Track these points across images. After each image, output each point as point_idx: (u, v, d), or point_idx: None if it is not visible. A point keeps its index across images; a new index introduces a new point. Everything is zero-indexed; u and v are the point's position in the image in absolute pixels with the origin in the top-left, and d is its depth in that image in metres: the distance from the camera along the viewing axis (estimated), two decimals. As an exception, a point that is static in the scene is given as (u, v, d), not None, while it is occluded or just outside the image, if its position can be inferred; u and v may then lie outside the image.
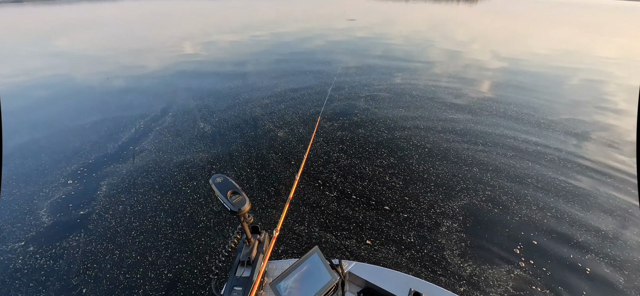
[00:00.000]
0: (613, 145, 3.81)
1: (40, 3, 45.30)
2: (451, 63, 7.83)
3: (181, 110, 4.83)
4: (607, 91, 5.96)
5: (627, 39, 13.17)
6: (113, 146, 3.78)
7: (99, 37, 13.86)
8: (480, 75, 6.84)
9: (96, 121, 4.53)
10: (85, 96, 5.70)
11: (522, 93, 5.67)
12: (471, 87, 5.93)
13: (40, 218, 2.63)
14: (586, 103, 5.24)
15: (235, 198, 0.92)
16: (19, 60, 9.08)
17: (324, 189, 2.93)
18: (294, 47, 10.00)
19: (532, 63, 8.19)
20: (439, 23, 17.81)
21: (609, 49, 10.60)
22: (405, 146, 3.64)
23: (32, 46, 12.14)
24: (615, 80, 6.69)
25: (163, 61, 8.47)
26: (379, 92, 5.50)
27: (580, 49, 10.69)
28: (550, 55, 9.38)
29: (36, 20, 27.30)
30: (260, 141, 3.83)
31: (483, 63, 7.98)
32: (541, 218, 2.58)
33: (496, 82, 6.38)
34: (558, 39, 12.97)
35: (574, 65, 8.12)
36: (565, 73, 7.32)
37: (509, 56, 9.10)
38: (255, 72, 6.94)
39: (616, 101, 5.46)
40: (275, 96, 5.32)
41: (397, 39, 11.53)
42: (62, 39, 13.87)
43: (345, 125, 4.17)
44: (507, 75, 6.94)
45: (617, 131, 4.25)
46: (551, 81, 6.58)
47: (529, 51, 9.94)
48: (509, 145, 3.72)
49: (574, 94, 5.76)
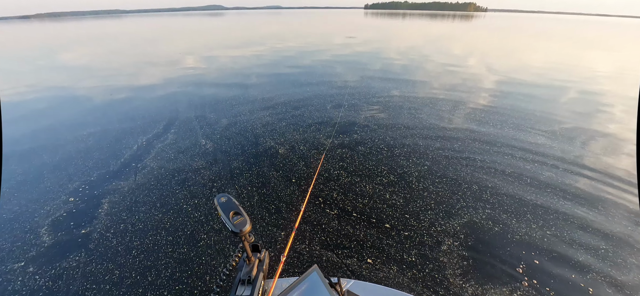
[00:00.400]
0: (611, 160, 3.86)
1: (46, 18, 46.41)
2: (448, 78, 8.01)
3: (183, 127, 4.90)
4: (603, 103, 6.08)
5: (620, 53, 13.52)
6: (115, 163, 3.81)
7: (103, 51, 14.20)
8: (476, 89, 6.99)
9: (99, 137, 4.59)
10: (88, 112, 5.79)
11: (518, 108, 5.77)
12: (468, 102, 6.05)
13: (41, 237, 2.62)
14: (583, 117, 5.34)
15: (236, 219, 0.94)
16: (24, 73, 9.25)
17: (324, 207, 2.94)
18: (295, 63, 10.24)
19: (527, 77, 8.39)
20: (436, 38, 18.32)
21: (604, 62, 10.87)
22: (405, 164, 3.68)
23: (37, 60, 12.40)
24: (611, 92, 6.83)
25: (166, 76, 8.64)
26: (378, 109, 5.60)
27: (575, 63, 10.97)
28: (545, 68, 9.63)
29: (43, 35, 27.99)
30: (261, 158, 3.87)
31: (479, 77, 8.16)
32: (541, 236, 2.58)
33: (492, 97, 6.51)
34: (553, 53, 13.33)
35: (569, 78, 8.32)
36: (561, 86, 7.50)
37: (505, 70, 9.33)
38: (256, 88, 7.08)
39: (613, 114, 5.56)
40: (276, 114, 5.41)
41: (394, 55, 11.83)
42: (67, 53, 14.18)
43: (345, 142, 4.23)
44: (503, 89, 7.09)
45: (615, 145, 4.30)
46: (547, 95, 6.72)
47: (525, 65, 10.20)
48: (507, 162, 3.77)
49: (570, 108, 5.87)
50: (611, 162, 3.82)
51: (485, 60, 11.30)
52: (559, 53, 13.58)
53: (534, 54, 13.31)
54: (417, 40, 18.11)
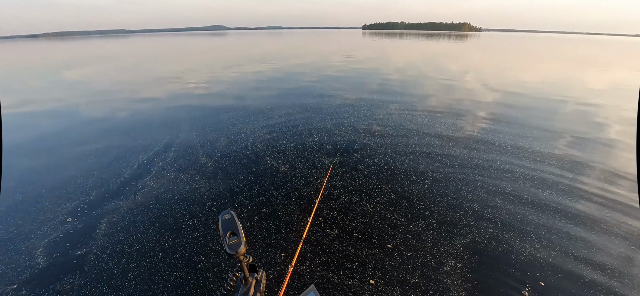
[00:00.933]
0: (611, 175, 3.85)
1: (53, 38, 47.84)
2: (446, 95, 8.14)
3: (184, 145, 4.92)
4: (599, 120, 6.13)
5: (613, 71, 13.81)
6: (115, 182, 3.80)
7: (108, 70, 14.49)
8: (473, 107, 7.09)
9: (100, 155, 4.60)
10: (90, 130, 5.83)
11: (515, 125, 5.83)
12: (466, 120, 6.11)
13: (36, 258, 2.57)
14: (580, 133, 5.36)
15: (232, 240, 0.93)
16: (27, 90, 9.39)
17: (325, 227, 2.91)
18: (294, 81, 10.44)
19: (524, 93, 8.54)
20: (432, 57, 18.77)
21: (597, 80, 11.08)
22: (405, 183, 3.68)
23: (42, 78, 12.63)
24: (607, 107, 6.90)
25: (168, 94, 8.78)
26: (377, 127, 5.66)
27: (570, 79, 11.19)
28: (541, 85, 9.81)
29: (49, 53, 28.64)
30: (262, 177, 3.86)
31: (476, 95, 8.30)
32: (546, 256, 2.54)
33: (489, 114, 6.59)
34: (547, 71, 13.61)
35: (565, 94, 8.47)
36: (558, 102, 7.64)
37: (501, 87, 9.50)
38: (257, 106, 7.18)
39: (610, 129, 5.61)
40: (276, 131, 5.46)
41: (393, 72, 12.08)
42: (71, 71, 14.47)
43: (345, 161, 4.24)
44: (500, 107, 7.19)
45: (613, 159, 4.30)
46: (545, 111, 6.80)
47: (521, 82, 10.40)
48: (507, 179, 3.77)
49: (567, 124, 5.92)
50: (612, 178, 3.81)
51: (482, 77, 11.53)
52: (553, 70, 13.89)
53: (529, 71, 13.61)
54: (415, 58, 18.55)
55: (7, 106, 7.87)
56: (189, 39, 71.78)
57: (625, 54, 26.27)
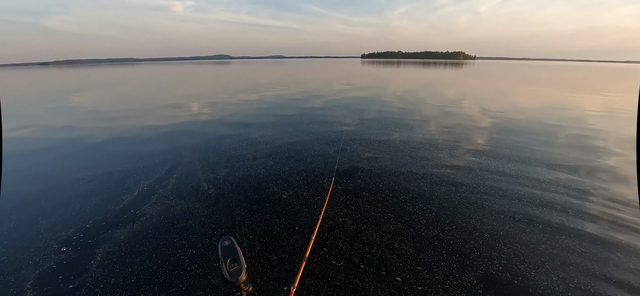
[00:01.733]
0: (618, 198, 3.75)
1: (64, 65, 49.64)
2: (445, 121, 8.21)
3: (186, 171, 4.88)
4: (600, 144, 6.11)
5: (606, 95, 14.05)
6: (113, 209, 3.71)
7: (113, 95, 14.81)
8: (473, 132, 7.13)
9: (100, 182, 4.54)
10: (92, 155, 5.82)
11: (516, 149, 5.82)
12: (467, 145, 6.11)
13: (25, 292, 2.43)
14: (583, 155, 5.32)
15: (233, 267, 0.92)
16: (32, 115, 9.51)
17: (329, 258, 2.78)
18: (296, 107, 10.62)
19: (522, 119, 8.62)
20: (430, 84, 19.26)
21: (592, 103, 11.23)
22: (412, 210, 3.58)
23: (48, 103, 12.87)
24: (606, 130, 6.91)
25: (172, 119, 8.88)
26: (379, 153, 5.64)
27: (565, 104, 11.36)
28: (538, 110, 9.94)
29: (58, 79, 29.48)
30: (264, 204, 3.78)
31: (474, 120, 8.38)
32: (565, 291, 2.39)
33: (490, 139, 6.61)
34: (543, 96, 13.88)
35: (562, 119, 8.53)
36: (556, 128, 7.66)
37: (499, 112, 9.63)
38: (259, 132, 7.23)
39: (610, 152, 5.57)
40: (279, 157, 5.44)
41: (392, 100, 12.31)
42: (78, 97, 14.77)
43: (349, 188, 4.17)
44: (500, 131, 7.23)
45: (617, 182, 4.21)
46: (543, 136, 6.83)
47: (518, 108, 10.55)
48: (514, 206, 3.67)
49: (568, 148, 5.90)
50: (619, 201, 3.71)
51: (480, 103, 11.73)
52: (549, 95, 14.15)
53: (525, 96, 13.88)
54: (413, 85, 19.03)
55: (10, 129, 7.92)
56: (195, 67, 74.32)
57: (615, 79, 26.99)
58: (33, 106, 12.76)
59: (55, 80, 30.61)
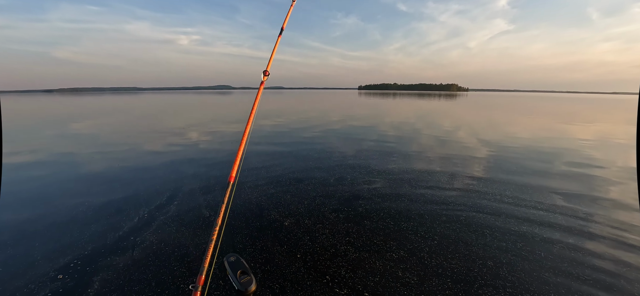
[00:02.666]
0: (619, 223, 3.77)
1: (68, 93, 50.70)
2: (442, 150, 8.37)
3: (187, 198, 4.88)
4: (597, 173, 6.22)
5: (599, 125, 14.48)
6: (113, 236, 3.67)
7: (115, 122, 15.03)
8: (469, 161, 7.27)
9: (100, 208, 4.52)
10: (92, 181, 5.82)
11: (513, 176, 5.91)
12: (465, 172, 6.20)
13: (18, 323, 2.34)
14: (579, 182, 5.40)
15: (243, 278, 0.99)
16: (33, 140, 9.56)
17: (332, 286, 2.74)
18: (296, 136, 10.84)
19: (516, 148, 8.82)
20: (427, 114, 19.83)
21: (585, 132, 11.54)
22: (414, 238, 3.58)
23: (50, 129, 13.01)
24: (601, 159, 7.06)
25: (173, 147, 8.99)
26: (379, 181, 5.71)
27: (556, 133, 11.69)
28: (531, 139, 10.19)
29: (62, 106, 29.95)
30: (266, 231, 3.76)
31: (470, 149, 8.57)
32: (573, 323, 2.35)
33: (486, 167, 6.72)
34: (535, 125, 14.29)
35: (555, 147, 8.74)
36: (550, 156, 7.82)
37: (494, 141, 9.87)
38: (260, 160, 7.32)
39: (609, 179, 5.67)
40: (280, 185, 5.48)
41: (389, 130, 12.62)
42: (80, 124, 14.97)
43: (350, 216, 4.18)
44: (496, 160, 7.38)
45: (616, 207, 4.23)
46: (539, 163, 6.95)
47: (512, 137, 10.82)
48: (515, 233, 3.68)
49: (563, 175, 5.98)
50: (623, 227, 3.73)
51: (475, 132, 12.03)
52: (541, 124, 14.58)
53: (519, 125, 14.27)
54: (409, 116, 19.58)
55: (10, 153, 7.94)
56: (196, 96, 76.20)
57: (602, 109, 27.97)
58: (33, 131, 12.89)
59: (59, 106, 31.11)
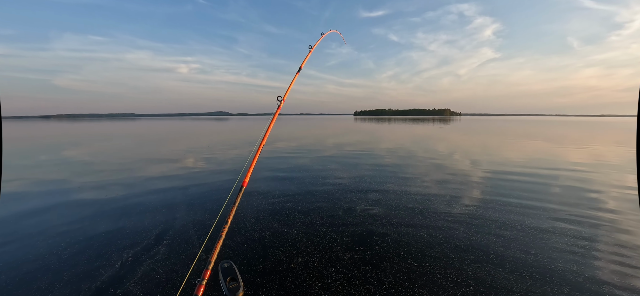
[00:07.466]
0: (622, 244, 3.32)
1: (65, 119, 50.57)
2: (449, 175, 7.97)
3: (179, 235, 4.33)
4: (594, 190, 5.85)
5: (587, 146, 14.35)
6: (88, 287, 3.08)
7: (109, 148, 14.44)
8: (468, 185, 6.99)
9: (78, 248, 3.94)
10: (74, 214, 5.24)
11: (513, 199, 5.73)
12: (464, 199, 5.89)
13: None
14: (578, 202, 5.16)
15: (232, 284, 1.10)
16: (19, 168, 8.90)
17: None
18: (296, 164, 10.40)
19: (513, 171, 8.60)
20: (423, 139, 19.69)
21: (578, 154, 11.29)
22: (445, 284, 3.06)
23: (40, 155, 12.37)
24: (597, 180, 6.70)
25: (166, 174, 8.46)
26: (392, 213, 5.23)
27: (551, 156, 11.63)
28: (529, 161, 10.07)
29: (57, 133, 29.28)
30: (270, 276, 3.23)
31: (467, 174, 8.23)
32: None
33: (485, 191, 6.52)
34: (529, 148, 14.20)
35: (550, 169, 8.67)
36: (546, 178, 7.70)
37: (490, 165, 9.66)
38: (261, 189, 6.82)
39: (607, 200, 5.46)
40: (284, 219, 4.95)
41: (386, 155, 12.29)
42: (73, 150, 14.37)
43: (366, 258, 3.65)
44: (493, 184, 7.16)
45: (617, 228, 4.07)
46: (536, 185, 6.90)
47: (507, 160, 10.64)
48: (520, 260, 3.34)
49: (561, 198, 5.86)
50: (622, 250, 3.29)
51: (470, 156, 11.74)
52: (534, 147, 14.39)
53: (513, 149, 14.07)
54: (406, 141, 19.42)
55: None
56: (194, 122, 76.24)
57: (591, 132, 28.38)
58: (22, 159, 12.23)
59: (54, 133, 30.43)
